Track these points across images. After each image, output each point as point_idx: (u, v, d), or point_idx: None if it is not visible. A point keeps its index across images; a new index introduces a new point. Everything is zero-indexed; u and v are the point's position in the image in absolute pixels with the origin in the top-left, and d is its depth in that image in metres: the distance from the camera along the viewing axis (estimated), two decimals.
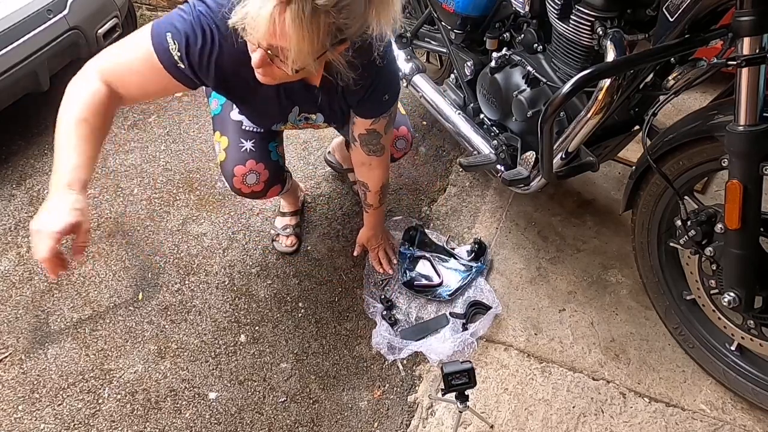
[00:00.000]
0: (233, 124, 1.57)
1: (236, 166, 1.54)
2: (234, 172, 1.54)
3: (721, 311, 1.39)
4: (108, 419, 1.58)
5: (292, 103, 1.45)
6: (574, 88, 1.21)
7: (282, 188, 1.69)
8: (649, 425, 1.45)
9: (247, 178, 1.55)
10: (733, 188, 1.18)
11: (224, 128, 1.58)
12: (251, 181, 1.57)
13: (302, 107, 1.47)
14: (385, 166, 1.63)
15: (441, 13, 1.85)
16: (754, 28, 1.08)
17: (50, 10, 2.31)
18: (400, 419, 1.53)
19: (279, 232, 1.98)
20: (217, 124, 1.60)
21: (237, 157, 1.54)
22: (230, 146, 1.55)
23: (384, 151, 1.56)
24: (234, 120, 1.56)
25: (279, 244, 1.96)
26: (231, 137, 1.56)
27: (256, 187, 1.59)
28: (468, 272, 1.80)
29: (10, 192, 2.30)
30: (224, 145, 1.56)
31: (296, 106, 1.46)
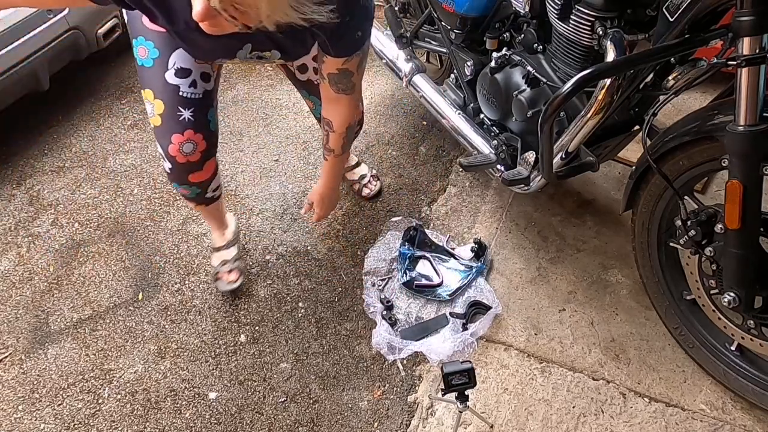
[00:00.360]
0: (170, 90, 1.42)
1: (174, 135, 1.44)
2: (171, 140, 1.45)
3: (721, 311, 1.39)
4: (108, 419, 1.58)
5: (244, 41, 1.27)
6: (574, 88, 1.21)
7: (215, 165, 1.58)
8: (649, 425, 1.45)
9: (183, 147, 1.46)
10: (733, 188, 1.18)
11: (158, 90, 1.43)
12: (188, 150, 1.47)
13: (256, 45, 1.30)
14: (354, 104, 1.49)
15: (441, 13, 1.85)
16: (754, 28, 1.08)
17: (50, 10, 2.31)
18: (400, 419, 1.53)
19: (218, 269, 1.83)
20: (147, 79, 1.43)
21: (174, 126, 1.44)
22: (166, 113, 1.43)
23: (355, 89, 1.43)
24: (171, 84, 1.41)
25: (221, 283, 1.82)
26: (167, 103, 1.43)
27: (192, 156, 1.48)
28: (468, 272, 1.80)
29: (10, 192, 2.30)
30: (159, 110, 1.43)
31: (249, 44, 1.29)
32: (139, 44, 1.42)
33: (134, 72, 2.94)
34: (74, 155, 2.45)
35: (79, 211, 2.20)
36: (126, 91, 2.80)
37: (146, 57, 1.42)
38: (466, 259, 1.84)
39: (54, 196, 2.27)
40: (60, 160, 2.44)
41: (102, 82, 2.87)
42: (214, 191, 1.65)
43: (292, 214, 2.11)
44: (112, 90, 2.82)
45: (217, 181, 1.63)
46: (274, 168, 2.30)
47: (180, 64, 1.42)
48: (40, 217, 2.18)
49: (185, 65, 1.42)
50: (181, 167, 1.50)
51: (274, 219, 2.09)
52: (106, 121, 2.63)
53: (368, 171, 2.15)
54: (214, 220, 1.85)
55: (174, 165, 1.49)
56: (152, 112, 1.45)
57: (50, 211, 2.20)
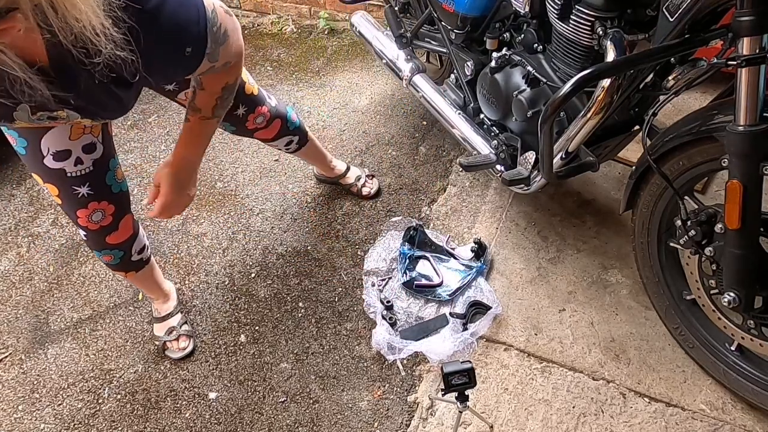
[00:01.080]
0: (56, 174, 1.29)
1: (78, 210, 1.36)
2: (78, 215, 1.37)
3: (721, 311, 1.39)
4: (108, 419, 1.58)
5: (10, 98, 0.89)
6: (574, 88, 1.21)
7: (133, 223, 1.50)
8: (649, 425, 1.45)
9: (92, 217, 1.38)
10: (733, 188, 1.18)
11: (44, 175, 1.30)
12: (97, 218, 1.39)
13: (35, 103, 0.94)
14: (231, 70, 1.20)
15: (441, 13, 1.85)
16: (754, 28, 1.08)
17: None
18: (400, 419, 1.53)
19: (164, 339, 1.73)
20: (29, 165, 1.31)
21: (75, 204, 1.35)
22: (63, 194, 1.33)
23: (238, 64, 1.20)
24: (54, 168, 1.28)
25: (171, 352, 1.72)
26: (60, 186, 1.32)
27: (104, 221, 1.41)
28: (468, 272, 1.80)
29: (10, 192, 2.30)
30: (55, 193, 1.33)
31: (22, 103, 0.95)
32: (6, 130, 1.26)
33: None
34: None
35: None
36: None
37: (17, 145, 1.27)
38: (466, 259, 1.84)
39: None
40: None
41: None
42: (140, 254, 1.55)
43: (292, 214, 2.11)
44: None
45: (141, 241, 1.54)
46: (274, 168, 2.30)
47: (55, 147, 1.26)
48: (40, 217, 2.18)
49: (61, 147, 1.26)
50: (95, 233, 1.42)
51: (274, 219, 2.09)
52: None
53: (362, 172, 2.15)
54: (150, 290, 1.74)
55: (88, 232, 1.42)
56: (49, 193, 1.36)
57: (50, 211, 2.20)
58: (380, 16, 2.79)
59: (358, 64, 2.80)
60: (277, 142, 1.76)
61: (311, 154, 1.97)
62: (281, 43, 2.97)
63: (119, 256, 1.50)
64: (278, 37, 3.00)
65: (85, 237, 1.46)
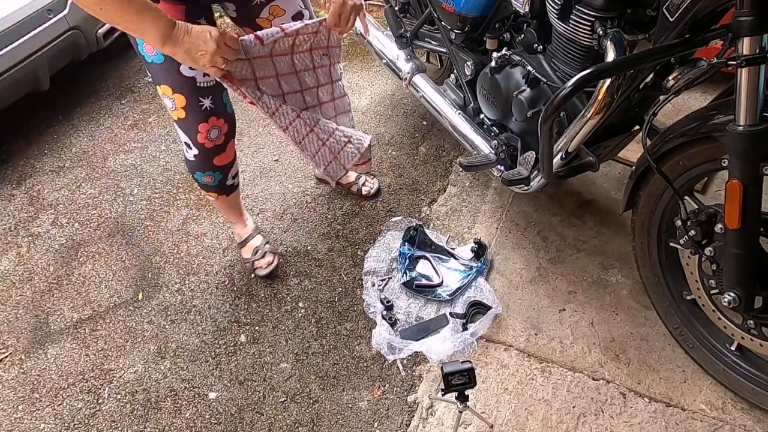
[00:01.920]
0: (187, 82, 1.44)
1: (200, 124, 1.50)
2: (198, 129, 1.51)
3: (721, 311, 1.39)
4: (108, 419, 1.58)
5: None
6: (574, 88, 1.21)
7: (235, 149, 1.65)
8: (649, 425, 1.45)
9: (210, 134, 1.53)
10: (733, 188, 1.18)
11: (175, 85, 1.45)
12: (214, 136, 1.54)
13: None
14: None
15: (441, 13, 1.85)
16: (754, 28, 1.08)
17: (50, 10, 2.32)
18: (400, 419, 1.53)
19: (252, 259, 1.90)
20: (161, 76, 1.44)
21: (199, 116, 1.49)
22: (189, 105, 1.47)
23: None
24: (187, 76, 1.43)
25: (260, 270, 1.88)
26: (188, 96, 1.46)
27: (218, 140, 1.56)
28: (468, 272, 1.80)
29: (10, 192, 2.30)
30: (181, 104, 1.47)
31: None
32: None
33: (134, 72, 2.94)
34: (74, 155, 2.45)
35: (79, 211, 2.20)
36: (126, 91, 2.80)
37: (155, 53, 1.40)
38: (466, 259, 1.84)
39: (54, 196, 2.27)
40: (60, 160, 2.44)
41: (102, 82, 2.87)
42: (234, 178, 1.71)
43: (292, 214, 2.11)
44: (112, 90, 2.82)
45: (236, 167, 1.70)
46: (274, 168, 2.30)
47: None
48: (40, 217, 2.18)
49: None
50: (207, 152, 1.56)
51: (274, 219, 2.09)
52: (106, 121, 2.63)
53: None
54: (234, 213, 1.90)
55: (201, 150, 1.55)
56: (174, 106, 1.48)
57: (50, 211, 2.20)
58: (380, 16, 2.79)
59: (358, 64, 2.80)
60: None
61: None
62: None
63: (218, 178, 1.65)
64: None
65: (194, 157, 1.58)
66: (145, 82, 2.86)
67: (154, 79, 1.48)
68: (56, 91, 2.66)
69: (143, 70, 2.89)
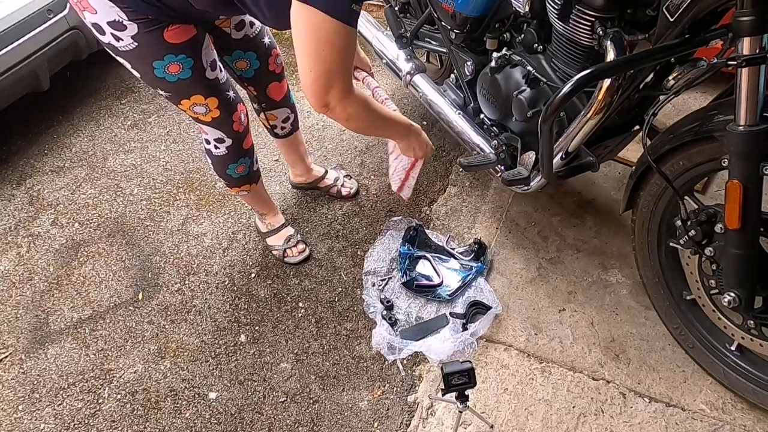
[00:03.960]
0: (214, 83, 1.55)
1: (233, 114, 1.61)
2: (233, 119, 1.61)
3: (721, 311, 1.39)
4: (108, 419, 1.58)
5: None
6: (574, 88, 1.21)
7: None
8: (649, 425, 1.45)
9: (242, 118, 1.65)
10: (733, 188, 1.18)
11: (206, 90, 1.54)
12: (244, 119, 1.66)
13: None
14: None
15: (441, 13, 1.85)
16: (754, 28, 1.07)
17: (50, 10, 2.32)
18: (400, 419, 1.53)
19: (284, 247, 1.94)
20: (190, 89, 1.51)
21: (230, 108, 1.60)
22: (222, 103, 1.57)
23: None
24: (212, 78, 1.54)
25: (291, 258, 1.94)
26: (219, 95, 1.56)
27: (245, 122, 1.68)
28: (468, 272, 1.80)
29: (10, 192, 2.30)
30: (215, 104, 1.56)
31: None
32: (168, 63, 1.44)
33: None
34: (74, 155, 2.45)
35: (79, 211, 2.20)
36: (126, 91, 2.80)
37: (180, 70, 1.46)
38: (466, 259, 1.84)
39: (54, 196, 2.27)
40: (60, 160, 2.44)
41: (102, 82, 2.87)
42: (257, 162, 1.80)
43: (292, 214, 2.11)
44: (112, 90, 2.82)
45: (255, 152, 1.79)
46: (274, 168, 2.30)
47: (209, 58, 1.51)
48: (40, 217, 2.18)
49: (211, 56, 1.53)
50: (239, 137, 1.66)
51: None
52: (106, 121, 2.63)
53: (339, 173, 2.19)
54: (266, 202, 1.96)
55: (235, 138, 1.65)
56: (207, 110, 1.56)
57: (50, 211, 2.20)
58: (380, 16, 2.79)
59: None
60: (281, 109, 1.87)
61: (297, 146, 2.03)
62: (281, 43, 2.95)
63: (248, 164, 1.75)
64: (278, 37, 3.00)
65: (226, 150, 1.68)
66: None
67: (178, 96, 1.53)
68: (56, 91, 2.66)
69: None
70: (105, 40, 1.41)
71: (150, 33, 1.38)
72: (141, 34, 1.38)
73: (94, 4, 1.33)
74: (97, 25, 1.38)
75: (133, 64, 1.47)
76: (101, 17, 1.35)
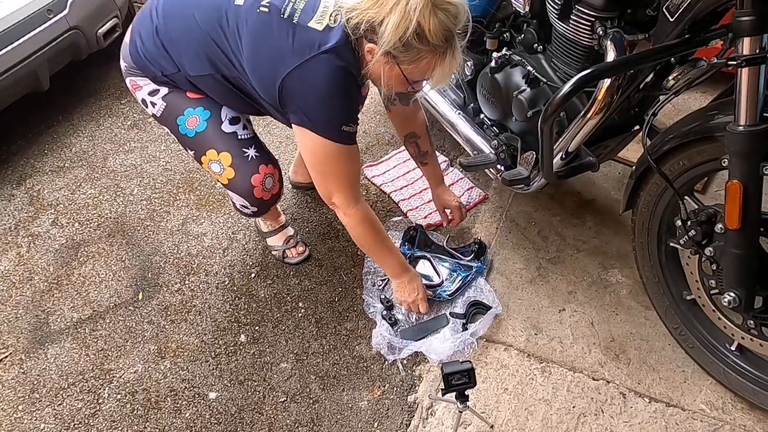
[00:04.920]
0: (230, 138, 1.54)
1: (253, 177, 1.55)
2: (252, 183, 1.55)
3: (721, 311, 1.39)
4: (108, 419, 1.58)
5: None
6: (574, 88, 1.21)
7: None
8: (649, 425, 1.45)
9: (266, 184, 1.58)
10: (733, 188, 1.18)
11: (220, 144, 1.54)
12: (270, 185, 1.59)
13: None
14: (420, 108, 1.79)
15: None
16: (754, 28, 1.08)
17: (50, 10, 2.32)
18: (400, 419, 1.53)
19: (283, 247, 1.92)
20: (205, 143, 1.55)
21: (249, 168, 1.54)
22: (235, 160, 1.54)
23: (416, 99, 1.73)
24: (229, 132, 1.54)
25: (290, 258, 1.92)
26: (233, 151, 1.54)
27: (274, 189, 1.61)
28: (468, 272, 1.80)
29: (10, 192, 2.30)
30: (228, 162, 1.53)
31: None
32: (188, 116, 1.54)
33: None
34: (74, 155, 2.45)
35: (79, 211, 2.20)
36: (126, 91, 2.80)
37: (197, 123, 1.53)
38: (466, 259, 1.84)
39: (54, 196, 2.27)
40: (60, 160, 2.44)
41: (102, 82, 2.87)
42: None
43: (292, 214, 2.11)
44: (112, 90, 2.82)
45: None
46: None
47: (230, 114, 1.56)
48: (40, 217, 2.18)
49: (234, 114, 1.57)
50: (266, 204, 1.63)
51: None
52: (106, 121, 2.63)
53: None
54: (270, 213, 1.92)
55: (260, 206, 1.62)
56: (221, 168, 1.54)
57: (50, 211, 2.20)
58: None
59: None
60: None
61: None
62: None
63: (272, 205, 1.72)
64: None
65: (252, 213, 1.67)
66: None
67: (197, 151, 1.57)
68: (56, 91, 2.65)
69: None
70: (150, 112, 1.60)
71: (176, 92, 1.54)
72: (169, 95, 1.55)
73: (140, 83, 1.57)
74: (144, 99, 1.58)
75: (168, 127, 1.60)
76: (145, 91, 1.56)
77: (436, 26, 1.22)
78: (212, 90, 1.53)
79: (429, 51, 1.26)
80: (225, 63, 1.44)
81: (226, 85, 1.48)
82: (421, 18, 1.20)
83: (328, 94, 1.33)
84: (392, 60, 1.28)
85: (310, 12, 1.34)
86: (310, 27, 1.33)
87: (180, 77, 1.50)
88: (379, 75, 1.33)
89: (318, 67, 1.31)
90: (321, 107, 1.35)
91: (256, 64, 1.39)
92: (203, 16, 1.42)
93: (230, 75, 1.45)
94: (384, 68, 1.31)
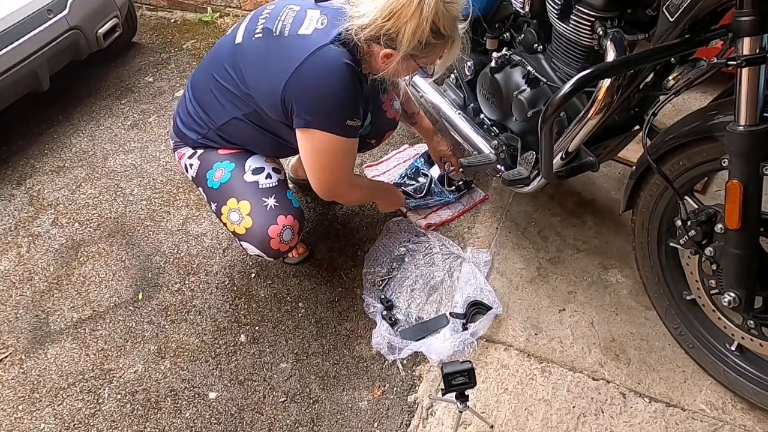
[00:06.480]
0: (251, 187, 1.55)
1: (270, 227, 1.52)
2: (269, 234, 1.53)
3: (721, 311, 1.39)
4: (108, 419, 1.58)
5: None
6: (574, 88, 1.21)
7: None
8: (649, 425, 1.45)
9: (283, 236, 1.54)
10: (733, 188, 1.18)
11: (240, 193, 1.55)
12: (288, 238, 1.56)
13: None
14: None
15: None
16: (754, 28, 1.08)
17: (50, 10, 2.32)
18: (400, 419, 1.53)
19: None
20: (227, 193, 1.57)
21: (267, 218, 1.53)
22: (254, 209, 1.53)
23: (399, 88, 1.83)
24: (250, 182, 1.56)
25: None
26: (252, 200, 1.54)
27: (292, 241, 1.58)
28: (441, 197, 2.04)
29: (10, 192, 2.30)
30: (246, 210, 1.53)
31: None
32: (215, 170, 1.59)
33: (134, 72, 2.94)
34: (74, 155, 2.45)
35: (79, 211, 2.20)
36: (126, 91, 2.80)
37: (223, 175, 1.58)
38: (448, 189, 2.06)
39: (54, 196, 2.27)
40: (60, 160, 2.44)
41: (102, 82, 2.87)
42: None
43: None
44: (112, 90, 2.82)
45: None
46: None
47: (254, 164, 1.59)
48: (40, 217, 2.18)
49: (258, 164, 1.60)
50: (281, 254, 1.62)
51: None
52: (106, 121, 2.63)
53: None
54: None
55: (276, 256, 1.62)
56: (240, 217, 1.54)
57: (50, 211, 2.20)
58: None
59: None
60: None
61: None
62: None
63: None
64: None
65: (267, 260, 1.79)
66: (145, 83, 2.86)
67: (219, 203, 1.58)
68: (56, 91, 2.66)
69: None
70: (189, 176, 1.67)
71: (209, 151, 1.62)
72: (203, 154, 1.63)
73: (183, 151, 1.66)
74: (185, 164, 1.66)
75: (200, 185, 1.64)
76: (186, 156, 1.65)
77: (448, 20, 1.31)
78: (239, 134, 1.57)
79: (443, 42, 1.36)
80: (239, 101, 1.50)
81: (249, 124, 1.53)
82: (436, 17, 1.28)
83: (328, 88, 1.36)
84: (410, 58, 1.36)
85: (299, 23, 1.40)
86: (300, 34, 1.38)
87: (211, 134, 1.59)
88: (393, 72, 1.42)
89: (313, 65, 1.34)
90: (323, 102, 1.38)
91: (258, 85, 1.44)
92: (216, 70, 1.52)
93: (247, 111, 1.50)
94: (401, 65, 1.38)
